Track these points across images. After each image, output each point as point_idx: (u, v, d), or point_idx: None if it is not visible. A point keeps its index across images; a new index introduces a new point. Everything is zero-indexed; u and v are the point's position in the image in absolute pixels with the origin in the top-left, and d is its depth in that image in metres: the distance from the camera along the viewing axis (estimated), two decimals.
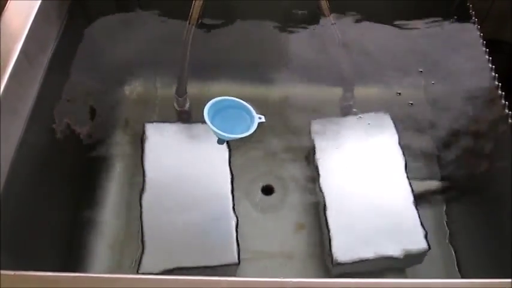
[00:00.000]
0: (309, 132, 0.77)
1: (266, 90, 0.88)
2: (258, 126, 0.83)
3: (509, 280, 0.43)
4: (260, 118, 0.68)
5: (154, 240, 0.66)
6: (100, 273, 0.70)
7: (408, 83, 0.89)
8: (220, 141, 0.67)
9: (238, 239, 0.67)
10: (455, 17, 0.78)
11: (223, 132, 0.64)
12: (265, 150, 0.83)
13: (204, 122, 0.76)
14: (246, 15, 0.79)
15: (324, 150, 0.75)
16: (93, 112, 0.81)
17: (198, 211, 0.69)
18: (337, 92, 0.83)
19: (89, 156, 0.79)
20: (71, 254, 0.72)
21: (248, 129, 0.65)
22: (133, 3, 0.78)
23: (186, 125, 0.77)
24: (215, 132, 0.64)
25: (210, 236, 0.67)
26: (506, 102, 0.62)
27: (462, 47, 0.76)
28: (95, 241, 0.75)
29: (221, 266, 0.65)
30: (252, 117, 0.68)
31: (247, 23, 0.80)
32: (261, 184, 0.80)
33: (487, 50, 0.67)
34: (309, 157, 0.79)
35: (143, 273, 0.63)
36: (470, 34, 0.70)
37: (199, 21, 0.66)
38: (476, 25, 0.71)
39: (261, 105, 0.87)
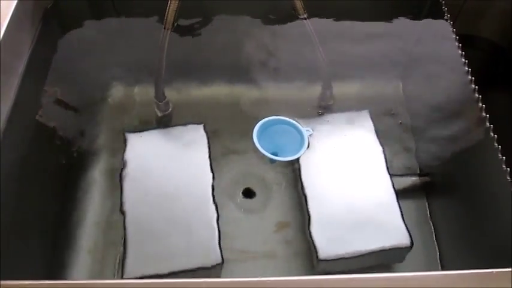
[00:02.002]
0: None
1: (245, 90, 0.89)
2: (232, 130, 0.84)
3: (509, 269, 0.43)
4: (308, 131, 0.69)
5: (137, 244, 0.66)
6: (82, 279, 0.70)
7: (386, 80, 0.90)
8: (272, 161, 0.68)
9: (221, 240, 0.67)
10: (429, 14, 0.79)
11: (274, 151, 0.66)
12: (246, 151, 0.83)
13: (183, 124, 0.77)
14: (222, 16, 0.79)
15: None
16: (72, 118, 0.80)
17: (180, 214, 0.68)
18: (317, 91, 0.84)
19: (69, 163, 0.79)
20: (51, 261, 0.71)
21: (299, 145, 0.67)
22: (108, 9, 0.78)
23: (165, 130, 0.77)
24: (266, 156, 0.66)
25: (193, 238, 0.67)
26: (480, 96, 0.63)
27: (436, 43, 0.77)
28: (76, 248, 0.74)
29: (205, 268, 0.65)
30: (300, 132, 0.69)
31: (223, 24, 0.80)
32: (243, 185, 0.81)
33: (460, 45, 0.68)
34: None
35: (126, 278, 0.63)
36: (443, 30, 0.71)
37: (175, 24, 0.66)
38: (449, 21, 0.71)
39: (240, 106, 0.88)
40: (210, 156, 0.74)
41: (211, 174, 0.72)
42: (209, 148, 0.75)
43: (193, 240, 0.67)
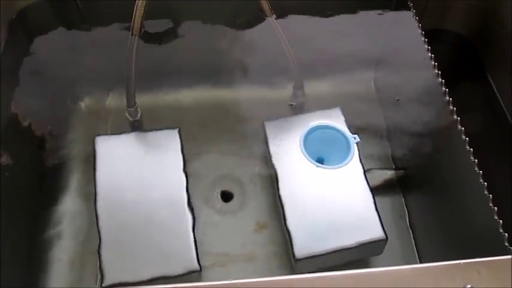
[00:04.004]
0: (263, 133, 0.78)
1: (217, 93, 0.89)
2: (206, 134, 0.84)
3: (509, 257, 0.43)
4: (355, 138, 0.69)
5: (112, 253, 0.66)
6: None
7: (357, 76, 0.91)
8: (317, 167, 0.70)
9: (199, 244, 0.67)
10: (395, 9, 0.79)
11: (320, 157, 0.70)
12: (220, 154, 0.83)
13: (155, 129, 0.77)
14: (189, 19, 0.79)
15: (278, 149, 0.76)
16: (44, 126, 0.80)
17: (155, 220, 0.68)
18: (289, 90, 0.84)
19: (42, 172, 0.78)
20: (29, 273, 0.70)
21: (345, 152, 0.70)
22: (75, 17, 0.77)
23: (137, 134, 0.76)
24: (313, 163, 0.69)
25: (169, 245, 0.66)
26: (447, 89, 0.63)
27: (403, 38, 0.78)
28: (54, 258, 0.74)
29: (183, 274, 0.65)
30: (346, 138, 0.70)
31: (191, 27, 0.80)
32: (219, 188, 0.80)
33: (427, 39, 0.69)
34: (265, 156, 0.79)
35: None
36: (409, 25, 0.72)
37: (142, 30, 0.66)
38: (414, 16, 0.72)
39: (213, 109, 0.88)
40: (184, 161, 0.74)
41: (185, 178, 0.72)
42: (183, 152, 0.74)
43: (169, 246, 0.66)
